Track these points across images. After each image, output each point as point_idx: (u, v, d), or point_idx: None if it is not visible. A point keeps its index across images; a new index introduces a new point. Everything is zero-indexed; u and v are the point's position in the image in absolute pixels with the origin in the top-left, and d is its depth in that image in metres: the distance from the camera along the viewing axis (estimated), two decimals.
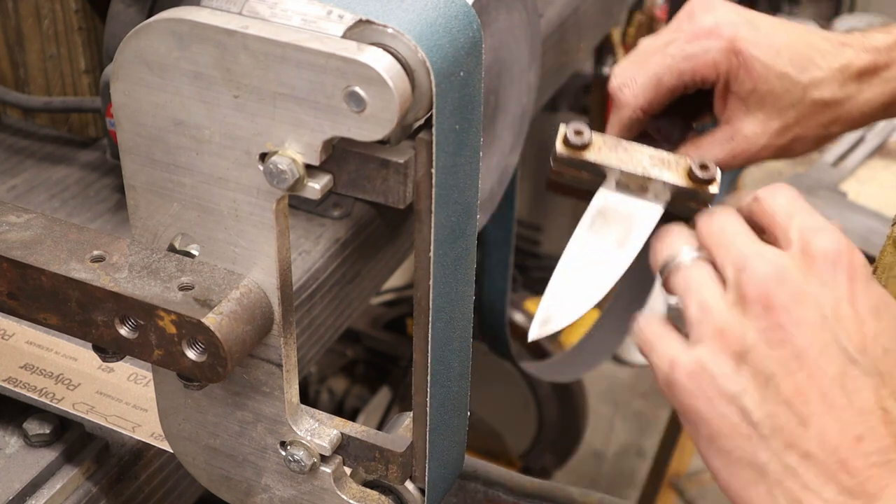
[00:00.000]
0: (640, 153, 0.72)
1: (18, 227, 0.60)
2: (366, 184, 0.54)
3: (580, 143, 0.71)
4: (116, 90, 0.55)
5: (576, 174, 0.73)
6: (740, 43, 0.74)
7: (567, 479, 2.44)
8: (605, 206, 0.71)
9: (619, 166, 0.71)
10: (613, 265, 0.69)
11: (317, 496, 0.64)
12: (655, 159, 0.72)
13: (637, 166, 0.71)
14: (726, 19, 0.75)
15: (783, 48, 0.74)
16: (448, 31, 0.52)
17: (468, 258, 0.60)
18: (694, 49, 0.74)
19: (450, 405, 0.64)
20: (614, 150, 0.72)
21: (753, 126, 0.75)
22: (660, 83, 0.76)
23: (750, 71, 0.73)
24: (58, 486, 0.68)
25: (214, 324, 0.55)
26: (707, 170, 0.70)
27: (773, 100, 0.74)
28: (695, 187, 0.70)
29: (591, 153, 0.72)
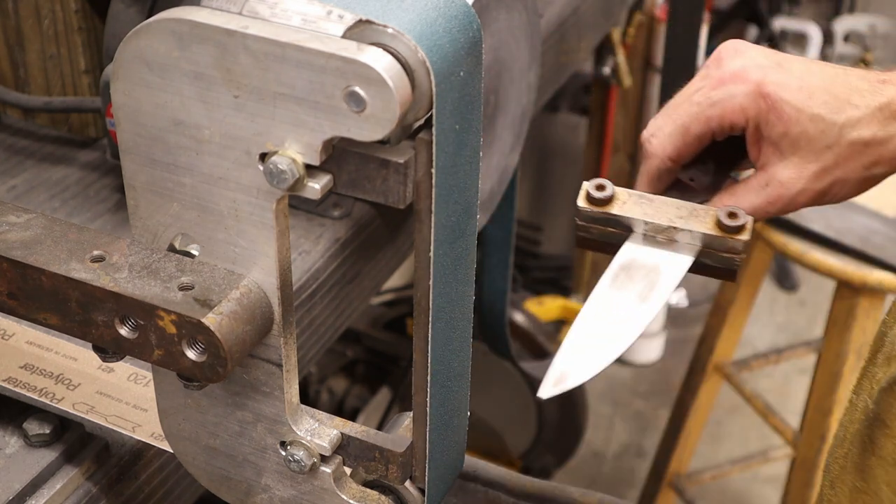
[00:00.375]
0: (666, 205, 0.71)
1: (18, 227, 0.60)
2: (366, 184, 0.54)
3: (603, 198, 0.71)
4: (116, 90, 0.55)
5: (602, 230, 0.72)
6: (768, 86, 0.72)
7: (567, 479, 2.44)
8: (630, 259, 0.70)
9: (644, 218, 0.70)
10: (634, 320, 0.68)
11: (317, 496, 0.64)
12: (683, 210, 0.70)
13: (662, 217, 0.70)
14: (753, 63, 0.73)
15: (816, 89, 0.72)
16: (448, 31, 0.52)
17: (468, 258, 0.60)
18: (720, 95, 0.73)
19: (450, 405, 0.64)
20: (639, 203, 0.71)
21: (789, 171, 0.72)
22: (687, 131, 0.74)
23: (780, 114, 0.71)
24: (58, 486, 0.68)
25: (214, 324, 0.55)
26: (736, 217, 0.69)
27: (808, 143, 0.71)
28: (724, 236, 0.68)
29: (614, 207, 0.71)
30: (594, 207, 0.71)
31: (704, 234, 0.69)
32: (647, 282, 0.69)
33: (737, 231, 0.69)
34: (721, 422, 2.66)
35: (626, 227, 0.71)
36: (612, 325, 0.68)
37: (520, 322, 2.16)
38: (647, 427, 2.72)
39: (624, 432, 2.71)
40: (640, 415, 2.77)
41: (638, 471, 2.57)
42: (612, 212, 0.71)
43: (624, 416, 2.76)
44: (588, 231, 0.73)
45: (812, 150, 0.71)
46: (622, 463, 2.62)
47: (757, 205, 0.73)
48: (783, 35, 3.57)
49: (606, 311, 0.68)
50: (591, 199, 0.71)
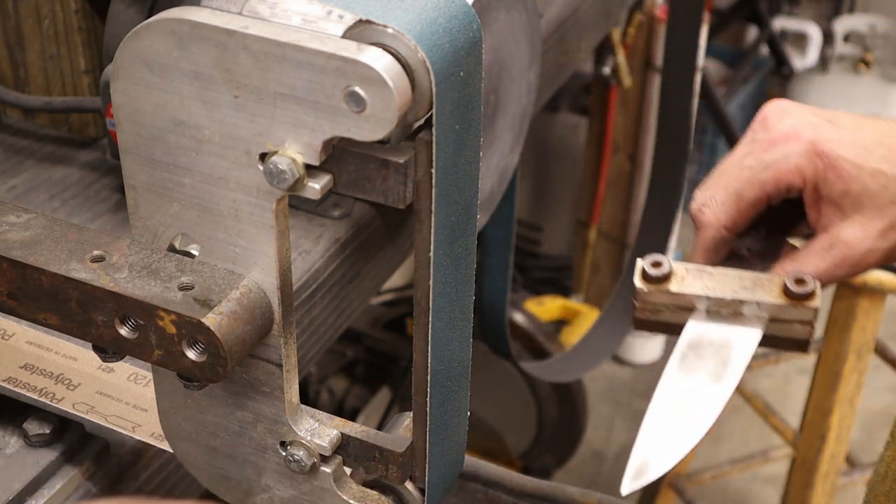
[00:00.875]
0: (727, 277, 0.68)
1: (18, 227, 0.60)
2: (366, 184, 0.54)
3: (660, 276, 0.67)
4: (116, 90, 0.55)
5: (662, 309, 0.68)
6: (823, 143, 0.68)
7: (567, 479, 2.44)
8: (697, 338, 0.67)
9: (707, 293, 0.67)
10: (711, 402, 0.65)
11: (317, 496, 0.64)
12: (746, 281, 0.67)
13: (726, 290, 0.67)
14: (804, 121, 0.70)
15: (871, 143, 0.69)
16: (448, 31, 0.52)
17: (468, 258, 0.60)
18: (773, 157, 0.69)
19: (450, 405, 0.64)
20: (699, 277, 0.68)
21: (853, 230, 0.68)
22: (741, 198, 0.70)
23: (839, 171, 0.68)
24: (58, 487, 0.68)
25: (214, 324, 0.55)
26: (804, 284, 0.65)
27: (870, 199, 0.68)
28: (793, 304, 0.65)
29: (673, 284, 0.67)
30: (652, 286, 0.68)
31: (772, 303, 0.66)
32: (717, 360, 0.66)
33: (806, 298, 0.66)
34: (721, 422, 2.66)
35: (688, 304, 0.67)
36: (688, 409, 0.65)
37: (520, 322, 2.16)
38: None
39: (624, 432, 2.71)
40: (640, 415, 2.76)
41: None
42: (672, 289, 0.67)
43: (624, 416, 2.76)
44: (647, 311, 0.69)
45: (876, 207, 0.68)
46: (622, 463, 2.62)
47: (822, 269, 0.69)
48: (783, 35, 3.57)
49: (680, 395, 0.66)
50: (648, 278, 0.68)
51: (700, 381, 0.66)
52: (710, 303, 0.67)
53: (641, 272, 0.68)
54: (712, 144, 3.38)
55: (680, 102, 1.73)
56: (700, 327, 0.67)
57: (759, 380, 2.62)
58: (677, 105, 1.73)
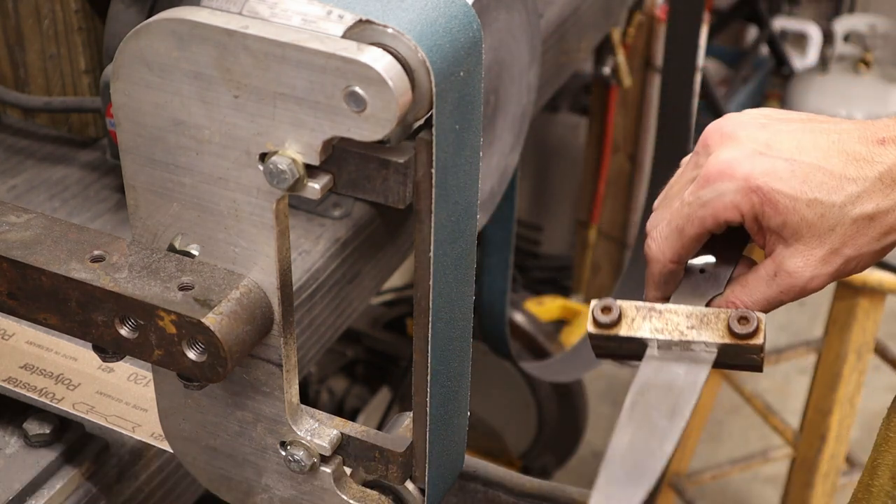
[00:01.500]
0: (675, 315, 0.70)
1: (18, 227, 0.60)
2: (366, 184, 0.54)
3: (609, 322, 0.70)
4: (116, 90, 0.55)
5: (618, 347, 0.71)
6: (757, 179, 0.68)
7: (567, 479, 2.44)
8: (647, 381, 0.68)
9: (655, 335, 0.69)
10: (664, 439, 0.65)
11: (317, 496, 0.64)
12: (693, 319, 0.69)
13: (674, 332, 0.69)
14: (740, 153, 0.69)
15: (810, 170, 0.68)
16: (448, 31, 0.52)
17: (468, 258, 0.60)
18: (709, 195, 0.70)
19: (450, 405, 0.64)
20: (647, 318, 0.70)
21: (795, 260, 0.69)
22: (682, 233, 0.72)
23: (775, 206, 0.68)
24: (58, 487, 0.68)
25: (214, 324, 0.55)
26: (747, 323, 0.68)
27: (809, 228, 0.68)
28: (738, 343, 0.68)
29: (623, 328, 0.70)
30: (603, 331, 0.70)
31: (718, 343, 0.68)
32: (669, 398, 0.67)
33: (749, 336, 0.68)
34: (721, 422, 2.66)
35: (639, 344, 0.70)
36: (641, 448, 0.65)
37: (520, 322, 2.16)
38: None
39: None
40: None
41: None
42: (622, 334, 0.70)
43: None
44: (603, 349, 0.72)
45: (815, 235, 0.69)
46: None
47: (770, 296, 0.71)
48: (783, 35, 3.57)
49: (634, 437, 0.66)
50: (598, 324, 0.70)
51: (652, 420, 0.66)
52: (660, 343, 0.69)
53: (592, 318, 0.70)
54: None
55: (680, 102, 1.73)
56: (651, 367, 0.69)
57: (759, 380, 2.62)
58: (677, 105, 1.73)
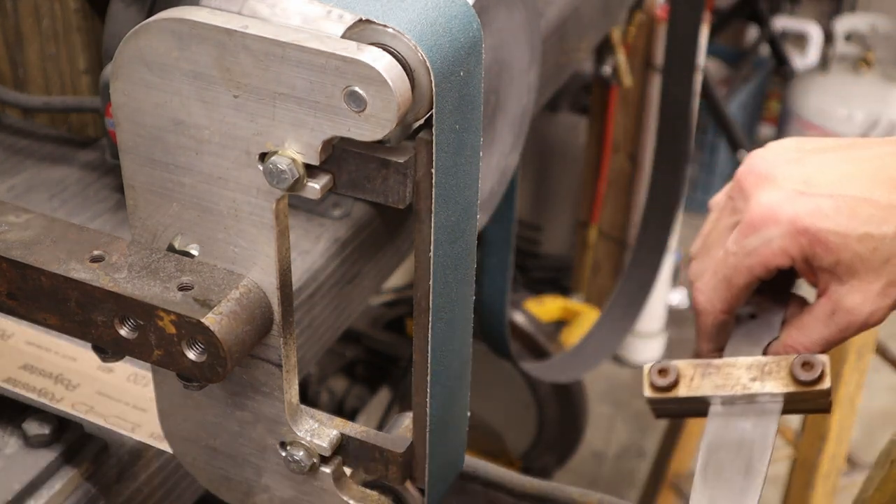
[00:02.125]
0: (734, 369, 0.68)
1: (18, 227, 0.60)
2: (366, 184, 0.54)
3: (667, 385, 0.68)
4: (116, 90, 0.55)
5: (678, 408, 0.70)
6: (804, 220, 0.66)
7: (567, 479, 2.44)
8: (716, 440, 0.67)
9: (717, 392, 0.67)
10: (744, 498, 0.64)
11: (317, 496, 0.64)
12: (754, 370, 0.67)
13: (736, 386, 0.67)
14: (780, 195, 0.67)
15: (855, 204, 0.66)
16: (448, 31, 0.52)
17: (468, 258, 0.60)
18: (755, 243, 0.68)
19: (450, 405, 0.64)
20: (706, 375, 0.68)
21: (853, 297, 0.68)
22: (731, 284, 0.70)
23: (825, 245, 0.66)
24: (57, 487, 0.67)
25: (214, 324, 0.55)
26: (811, 368, 0.66)
27: (863, 264, 0.67)
28: (804, 390, 0.66)
29: (682, 388, 0.68)
30: (662, 395, 0.68)
31: (784, 392, 0.67)
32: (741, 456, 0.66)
33: (815, 382, 0.66)
34: None
35: (701, 406, 0.68)
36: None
37: (520, 322, 2.16)
38: (647, 427, 2.72)
39: (624, 432, 2.71)
40: (640, 415, 2.77)
41: (638, 471, 2.57)
42: (682, 395, 0.68)
43: (624, 417, 2.76)
44: (663, 412, 0.71)
45: (870, 270, 0.67)
46: (622, 463, 2.62)
47: (829, 337, 0.70)
48: (784, 35, 3.57)
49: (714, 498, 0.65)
50: (656, 388, 0.68)
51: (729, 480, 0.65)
52: (723, 399, 0.68)
53: (649, 383, 0.69)
54: (712, 144, 3.38)
55: (680, 102, 1.73)
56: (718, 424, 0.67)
57: None
58: (677, 105, 1.73)
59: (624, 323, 1.84)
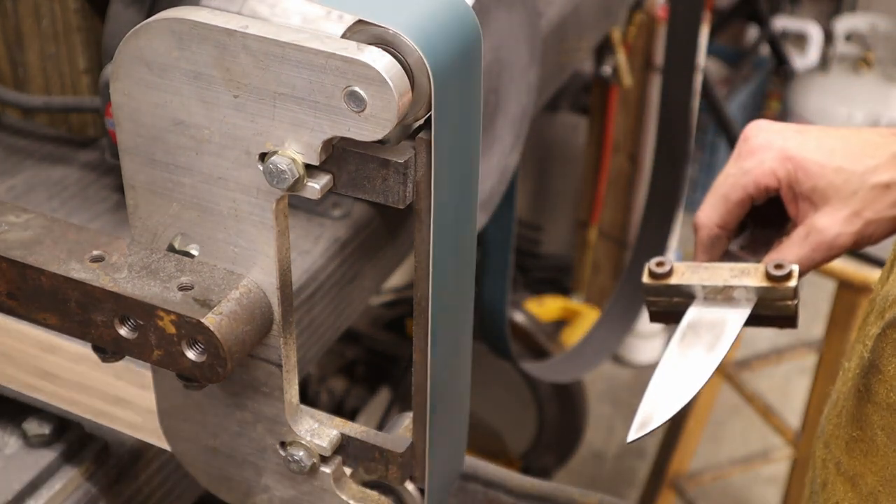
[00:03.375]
0: (720, 269, 0.80)
1: (18, 227, 0.60)
2: (366, 184, 0.54)
3: (662, 272, 0.80)
4: (116, 90, 0.55)
5: (668, 301, 0.81)
6: (791, 150, 0.82)
7: (567, 479, 2.44)
8: (695, 319, 0.80)
9: (702, 283, 0.79)
10: (704, 366, 0.77)
11: (317, 496, 0.64)
12: (735, 270, 0.80)
13: (718, 280, 0.79)
14: (776, 134, 0.83)
15: (834, 148, 0.82)
16: (448, 32, 0.52)
17: (468, 258, 0.60)
18: (751, 164, 0.82)
19: (450, 405, 0.64)
20: (696, 272, 0.80)
21: (823, 219, 0.81)
22: (727, 199, 0.83)
23: (806, 171, 0.81)
24: (57, 487, 0.67)
25: (214, 324, 0.55)
26: (782, 268, 0.78)
27: (835, 192, 0.81)
28: (774, 285, 0.78)
29: (674, 279, 0.80)
30: (656, 281, 0.80)
31: (756, 287, 0.78)
32: (712, 334, 0.79)
33: (784, 279, 0.78)
34: (722, 422, 2.66)
35: (687, 294, 0.80)
36: (685, 373, 0.77)
37: (520, 322, 2.16)
38: None
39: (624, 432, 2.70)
40: None
41: (638, 471, 2.57)
42: (672, 282, 0.80)
43: (624, 417, 2.76)
44: (655, 304, 0.82)
45: (840, 198, 0.81)
46: (622, 463, 2.62)
47: (802, 255, 0.81)
48: (784, 35, 3.57)
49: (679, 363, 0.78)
50: (653, 275, 0.80)
51: (696, 351, 0.78)
52: (706, 290, 0.80)
53: (648, 271, 0.81)
54: (712, 144, 3.38)
55: (680, 102, 1.72)
56: (698, 311, 0.80)
57: (759, 380, 2.62)
58: (677, 105, 1.73)
59: (624, 323, 1.84)
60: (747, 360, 2.08)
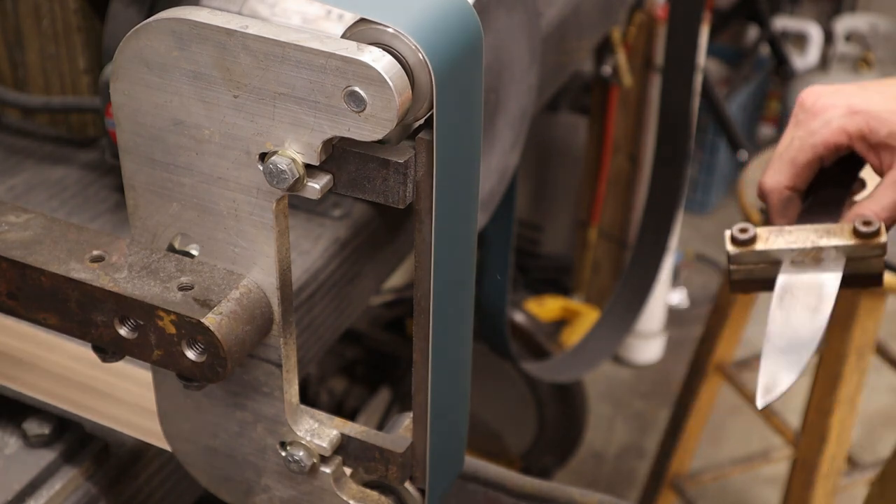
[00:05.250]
0: (805, 231, 0.78)
1: (18, 227, 0.60)
2: (366, 184, 0.54)
3: (747, 238, 0.78)
4: (116, 90, 0.55)
5: (753, 267, 0.79)
6: (857, 105, 0.81)
7: (567, 479, 2.44)
8: (789, 284, 0.78)
9: (790, 246, 0.78)
10: (812, 328, 0.77)
11: (317, 496, 0.64)
12: (820, 231, 0.78)
13: (806, 242, 0.78)
14: (836, 95, 0.82)
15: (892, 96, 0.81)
16: (448, 31, 0.52)
17: (468, 258, 0.60)
18: (817, 125, 0.81)
19: (450, 405, 0.64)
20: (780, 235, 0.78)
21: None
22: (795, 162, 0.82)
23: (879, 119, 0.80)
24: (57, 487, 0.67)
25: (214, 324, 0.55)
26: (870, 224, 0.76)
27: None
28: (863, 242, 0.77)
29: (759, 245, 0.78)
30: (742, 248, 0.78)
31: (846, 245, 0.77)
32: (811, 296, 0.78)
33: (873, 235, 0.77)
34: (721, 422, 2.66)
35: (775, 259, 0.78)
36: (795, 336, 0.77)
37: (520, 322, 2.16)
38: (647, 427, 2.72)
39: (624, 433, 2.71)
40: (640, 415, 2.77)
41: (638, 471, 2.57)
42: (759, 248, 0.78)
43: (624, 417, 2.76)
44: (740, 272, 0.79)
45: None
46: (622, 463, 2.62)
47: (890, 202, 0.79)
48: (784, 35, 3.57)
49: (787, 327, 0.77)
50: (737, 241, 0.78)
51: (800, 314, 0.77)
52: (794, 254, 0.78)
53: (731, 237, 0.79)
54: (712, 144, 3.38)
55: (680, 102, 1.72)
56: (789, 275, 0.78)
57: None
58: (677, 105, 1.73)
59: (624, 323, 1.84)
60: (747, 360, 2.08)
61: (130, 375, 0.75)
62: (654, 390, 2.83)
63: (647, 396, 2.82)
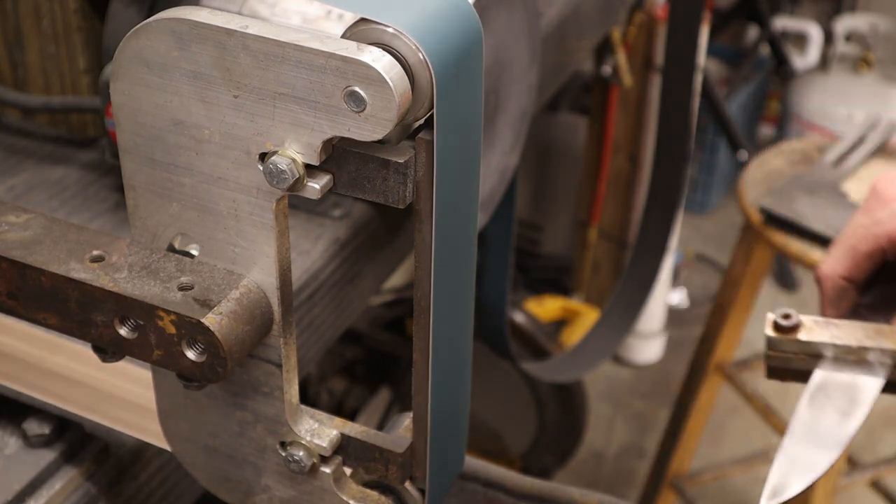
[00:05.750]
0: (853, 328, 0.74)
1: (18, 227, 0.60)
2: (366, 184, 0.54)
3: (790, 326, 0.74)
4: (116, 90, 0.55)
5: (791, 357, 0.75)
6: None
7: (567, 479, 2.44)
8: (825, 381, 0.73)
9: (833, 341, 0.73)
10: (839, 435, 0.72)
11: (317, 496, 0.64)
12: (870, 330, 0.73)
13: (851, 339, 0.73)
14: None
15: None
16: (448, 31, 0.52)
17: (468, 258, 0.60)
18: (884, 214, 0.77)
19: (450, 405, 0.64)
20: (826, 328, 0.74)
21: None
22: (856, 251, 0.77)
23: None
24: (57, 487, 0.67)
25: (214, 324, 0.55)
26: None
27: None
28: None
29: (801, 334, 0.74)
30: (783, 335, 0.74)
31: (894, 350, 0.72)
32: (845, 399, 0.73)
33: None
34: (721, 422, 2.66)
35: (815, 352, 0.74)
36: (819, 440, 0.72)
37: (520, 322, 2.16)
38: (647, 427, 2.72)
39: (624, 433, 2.71)
40: (640, 415, 2.77)
41: (638, 471, 2.57)
42: (802, 338, 0.74)
43: (624, 417, 2.76)
44: (776, 359, 0.75)
45: None
46: (623, 463, 2.62)
47: None
48: (784, 35, 3.57)
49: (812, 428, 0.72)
50: (779, 328, 0.74)
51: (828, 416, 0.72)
52: (837, 350, 0.73)
53: (773, 324, 0.74)
54: (712, 144, 3.38)
55: (680, 102, 1.72)
56: (828, 372, 0.74)
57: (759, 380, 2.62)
58: (677, 105, 1.73)
59: (624, 323, 1.84)
60: (747, 360, 2.08)
61: (130, 375, 0.75)
62: (654, 390, 2.83)
63: (647, 396, 2.82)
